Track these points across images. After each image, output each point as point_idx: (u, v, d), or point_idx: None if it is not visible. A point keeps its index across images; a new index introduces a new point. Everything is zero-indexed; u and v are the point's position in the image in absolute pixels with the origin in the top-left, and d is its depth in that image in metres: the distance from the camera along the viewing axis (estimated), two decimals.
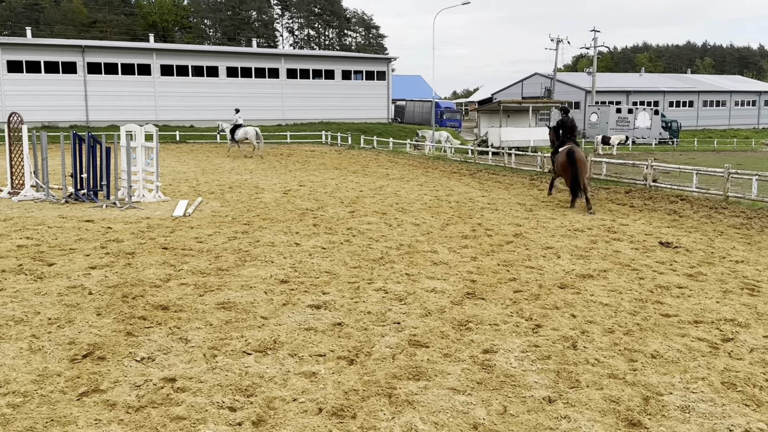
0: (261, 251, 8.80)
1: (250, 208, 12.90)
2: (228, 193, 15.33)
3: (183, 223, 11.15)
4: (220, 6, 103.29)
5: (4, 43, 42.46)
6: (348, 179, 18.85)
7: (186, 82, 46.47)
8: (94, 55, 43.75)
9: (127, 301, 6.40)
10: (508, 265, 8.05)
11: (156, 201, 13.74)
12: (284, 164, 24.47)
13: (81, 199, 13.47)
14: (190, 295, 6.65)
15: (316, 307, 6.27)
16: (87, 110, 43.35)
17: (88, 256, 8.42)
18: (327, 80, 51.93)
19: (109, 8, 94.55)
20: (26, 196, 13.58)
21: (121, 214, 11.99)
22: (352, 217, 11.94)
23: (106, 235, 9.95)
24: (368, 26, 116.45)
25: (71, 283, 7.07)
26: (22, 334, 5.42)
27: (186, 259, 8.33)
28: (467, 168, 23.35)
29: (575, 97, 65.13)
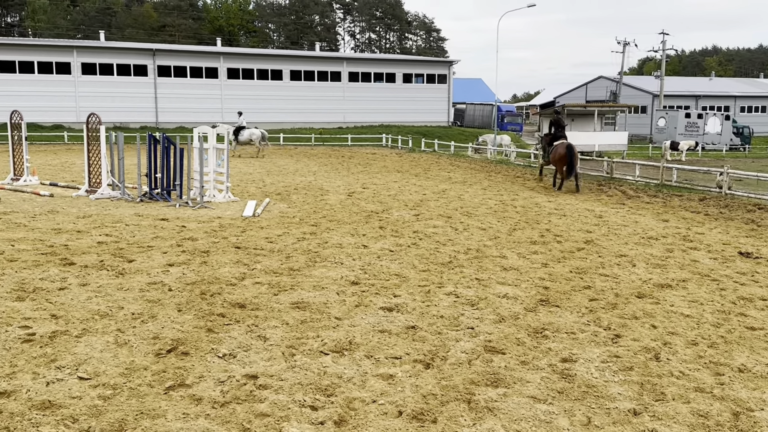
0: (330, 252, 8.90)
1: (316, 210, 13.07)
2: (294, 195, 15.57)
3: (253, 223, 11.39)
4: (284, 10, 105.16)
5: (79, 46, 44.37)
6: (410, 182, 18.86)
7: (251, 85, 47.50)
8: (164, 58, 45.23)
9: (206, 299, 6.58)
10: (582, 272, 7.88)
11: (226, 201, 14.08)
12: (346, 166, 24.68)
13: (155, 198, 13.93)
14: (265, 294, 6.78)
15: (388, 309, 6.29)
16: (156, 112, 44.84)
17: (166, 254, 8.69)
18: (388, 83, 52.16)
19: (178, 12, 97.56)
20: (103, 194, 14.13)
21: (194, 214, 12.33)
22: (418, 220, 11.94)
23: (181, 233, 10.25)
24: (429, 29, 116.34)
25: (151, 279, 7.31)
26: (108, 328, 5.63)
27: (258, 258, 8.49)
28: (531, 172, 22.99)
29: (641, 101, 63.35)
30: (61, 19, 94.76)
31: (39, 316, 5.89)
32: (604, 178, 20.88)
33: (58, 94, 42.16)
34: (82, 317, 5.90)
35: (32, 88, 41.55)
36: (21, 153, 16.37)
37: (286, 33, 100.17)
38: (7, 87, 41.03)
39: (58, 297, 6.54)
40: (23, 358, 4.91)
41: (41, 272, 7.50)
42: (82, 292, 6.72)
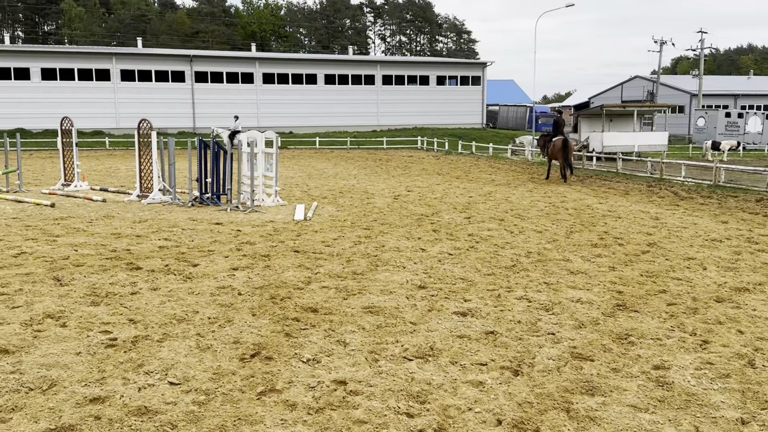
0: (390, 256, 8.85)
1: (365, 213, 13.04)
2: (340, 198, 15.58)
3: (306, 227, 11.41)
4: (315, 15, 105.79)
5: (118, 53, 45.15)
6: (454, 185, 18.75)
7: (286, 90, 47.80)
8: (201, 64, 45.79)
9: (277, 303, 6.57)
10: (653, 276, 7.70)
11: (275, 205, 14.15)
12: (386, 170, 24.65)
13: (206, 203, 14.06)
14: (335, 299, 6.75)
15: (461, 314, 6.21)
16: (194, 117, 45.41)
17: (227, 258, 8.74)
18: (421, 86, 52.04)
19: (211, 19, 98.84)
20: (154, 199, 14.31)
21: (246, 218, 12.41)
22: (470, 223, 11.83)
23: (237, 237, 10.31)
24: (460, 32, 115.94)
25: (219, 283, 7.34)
26: (188, 333, 5.66)
27: (319, 262, 8.48)
28: (575, 173, 22.66)
29: (679, 101, 62.15)
30: (96, 26, 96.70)
31: (117, 321, 5.95)
32: (655, 179, 20.43)
33: (97, 100, 42.93)
34: (160, 322, 5.94)
35: (73, 95, 42.37)
36: (71, 159, 16.67)
37: (317, 37, 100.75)
38: (49, 94, 41.93)
39: (132, 301, 6.60)
40: (110, 363, 4.95)
41: (110, 277, 7.59)
42: (154, 297, 6.77)
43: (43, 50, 46.24)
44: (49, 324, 5.85)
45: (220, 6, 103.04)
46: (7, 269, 7.89)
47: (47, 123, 41.36)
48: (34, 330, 5.68)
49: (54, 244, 9.49)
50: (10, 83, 41.66)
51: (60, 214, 12.38)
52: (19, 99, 41.37)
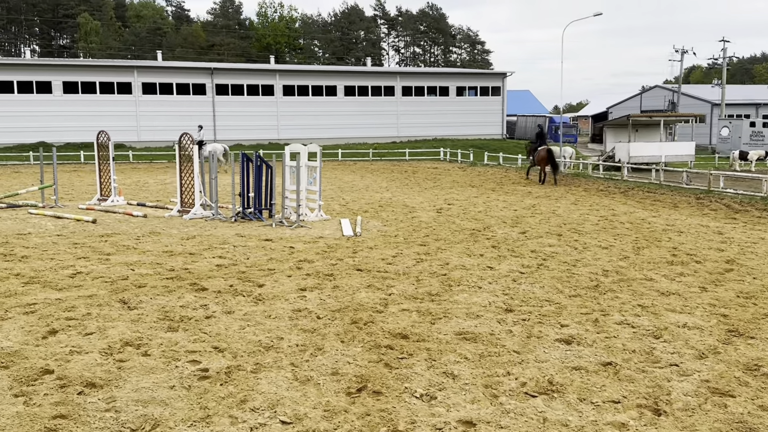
0: (459, 275, 8.47)
1: (414, 228, 12.67)
2: (382, 212, 15.22)
3: (358, 243, 11.05)
4: (330, 27, 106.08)
5: (140, 66, 45.22)
6: (492, 197, 18.34)
7: (306, 102, 47.68)
8: (222, 76, 45.76)
9: (361, 328, 6.20)
10: (750, 297, 7.27)
11: (319, 220, 13.81)
12: (416, 182, 24.29)
13: (248, 218, 13.74)
14: (421, 323, 6.37)
15: (565, 341, 5.81)
16: (215, 130, 45.30)
17: (290, 277, 8.39)
18: (441, 97, 51.78)
19: (227, 32, 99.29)
20: (196, 214, 14.01)
21: (294, 234, 12.07)
22: (527, 238, 11.42)
23: (293, 255, 9.96)
24: (473, 42, 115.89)
25: (293, 305, 6.98)
26: (280, 362, 5.30)
27: (388, 282, 8.11)
28: (615, 185, 22.23)
29: (700, 110, 61.46)
30: (113, 40, 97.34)
31: (202, 349, 5.60)
32: (703, 191, 19.82)
33: (119, 113, 42.93)
34: (247, 350, 5.58)
35: (94, 108, 42.42)
36: (108, 173, 16.43)
37: (332, 49, 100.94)
38: (71, 107, 42.01)
39: (210, 326, 6.25)
40: (210, 398, 4.59)
41: (177, 299, 7.25)
42: (231, 321, 6.42)
43: (65, 63, 46.43)
44: (131, 353, 5.50)
45: (235, 19, 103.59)
46: (68, 291, 7.58)
47: (69, 136, 41.44)
48: (117, 360, 5.34)
49: (108, 263, 9.18)
50: (32, 96, 41.79)
51: (104, 231, 12.09)
52: (41, 112, 41.47)
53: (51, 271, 8.61)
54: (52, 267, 8.88)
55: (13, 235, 11.52)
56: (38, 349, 5.57)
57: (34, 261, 9.28)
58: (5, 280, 8.04)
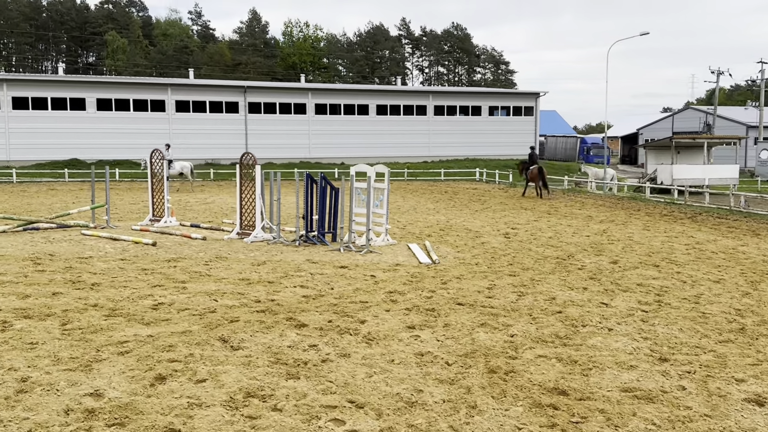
0: (577, 313, 7.68)
1: (493, 255, 11.91)
2: (446, 236, 14.47)
3: (441, 271, 10.30)
4: (354, 46, 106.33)
5: (173, 84, 45.13)
6: (553, 221, 17.53)
7: (338, 120, 47.28)
8: (255, 95, 45.53)
9: (506, 380, 5.45)
10: None
11: (386, 244, 13.11)
12: (462, 203, 23.53)
13: (312, 242, 13.07)
14: (571, 375, 5.60)
15: (756, 402, 5.00)
16: (246, 148, 44.96)
17: (389, 311, 7.66)
18: (474, 116, 51.18)
19: (252, 50, 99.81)
20: (257, 237, 13.37)
21: (366, 260, 11.35)
22: (623, 269, 10.61)
23: (378, 285, 9.24)
24: (498, 62, 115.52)
25: (411, 348, 6.24)
26: (437, 425, 4.55)
27: (502, 320, 7.35)
28: (678, 209, 21.31)
29: (735, 132, 60.25)
30: (139, 58, 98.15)
31: (338, 404, 4.86)
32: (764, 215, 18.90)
33: (152, 131, 42.73)
34: (389, 405, 4.84)
35: (128, 126, 42.30)
36: (161, 192, 15.89)
37: (356, 69, 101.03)
38: (104, 124, 41.92)
39: (332, 373, 5.53)
40: None
41: (280, 337, 6.55)
42: (353, 367, 5.69)
43: (99, 80, 46.54)
44: (258, 407, 4.78)
45: (261, 38, 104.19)
46: (157, 326, 6.90)
47: (102, 154, 41.31)
48: (246, 416, 4.62)
49: (186, 292, 8.52)
50: (66, 113, 41.77)
51: (169, 255, 11.46)
52: (74, 129, 41.43)
53: (130, 302, 7.95)
54: (129, 297, 8.22)
55: (74, 258, 10.92)
56: (151, 401, 4.87)
57: (107, 289, 8.64)
58: (84, 312, 7.38)
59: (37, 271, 9.74)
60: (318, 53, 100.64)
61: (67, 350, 6.01)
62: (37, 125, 40.77)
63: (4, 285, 8.72)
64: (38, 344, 6.18)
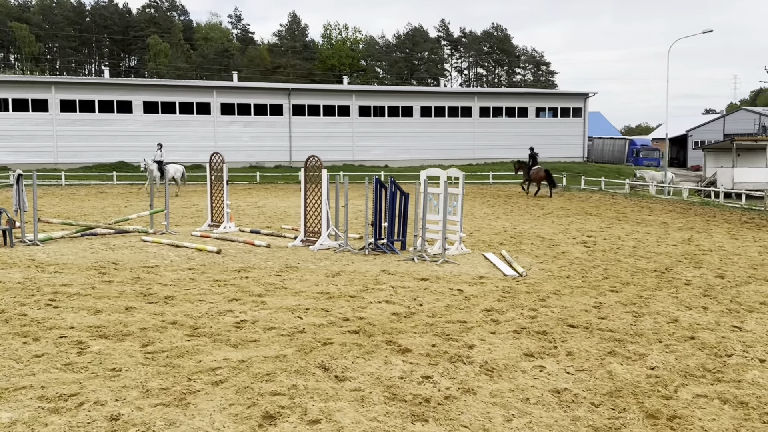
0: (712, 339, 6.76)
1: (582, 267, 10.99)
2: (520, 245, 13.58)
3: (532, 285, 9.44)
4: (393, 48, 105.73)
5: (218, 87, 45.04)
6: (627, 229, 16.48)
7: (381, 123, 46.62)
8: (299, 97, 45.15)
9: (673, 428, 4.58)
10: None
11: (459, 253, 12.29)
12: (521, 207, 22.55)
13: (381, 250, 12.33)
14: (746, 422, 4.71)
15: None
16: (290, 151, 44.66)
17: (495, 334, 6.85)
18: (520, 118, 50.00)
19: (291, 53, 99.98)
20: (323, 245, 12.68)
21: (445, 271, 10.55)
22: (736, 285, 9.60)
23: (469, 301, 8.43)
24: (538, 63, 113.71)
25: (542, 383, 5.42)
26: None
27: (630, 347, 6.47)
28: (759, 216, 20.00)
29: None
30: (181, 62, 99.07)
31: None
32: None
33: (197, 134, 42.67)
34: None
35: (173, 129, 42.25)
36: (220, 197, 15.34)
37: (395, 70, 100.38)
38: (150, 127, 41.91)
39: (463, 414, 4.74)
40: None
41: (386, 365, 5.79)
42: (484, 407, 4.90)
43: (145, 83, 46.70)
44: None
45: (300, 41, 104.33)
46: (245, 348, 6.21)
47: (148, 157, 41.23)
48: None
49: (266, 308, 7.83)
50: (113, 116, 41.95)
51: (236, 264, 10.83)
52: (121, 132, 41.54)
53: (210, 319, 7.29)
54: (208, 312, 7.57)
55: (140, 268, 10.36)
56: None
57: (182, 303, 8.00)
58: (164, 331, 6.74)
59: (104, 282, 9.18)
60: (356, 55, 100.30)
61: (155, 378, 5.35)
62: (85, 128, 41.00)
63: (73, 298, 8.16)
64: (121, 371, 5.54)
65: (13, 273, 9.71)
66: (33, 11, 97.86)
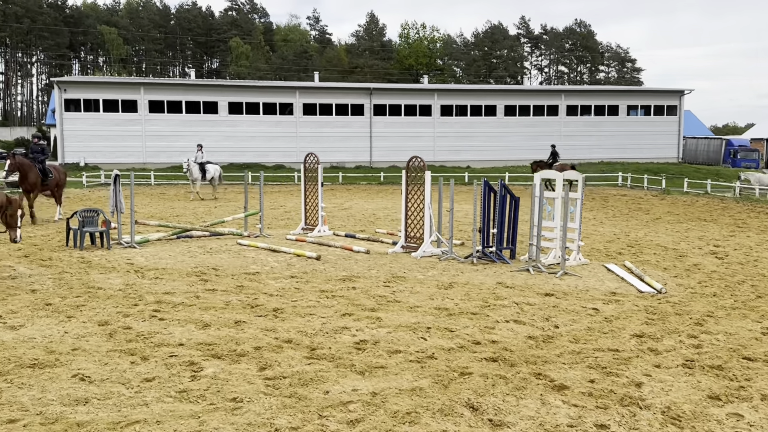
0: None
1: (727, 284, 9.68)
2: (641, 255, 12.29)
3: (677, 305, 8.26)
4: (471, 47, 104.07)
5: (301, 87, 45.06)
6: (754, 237, 14.82)
7: (463, 122, 45.42)
8: (380, 97, 44.59)
9: None
10: None
11: (577, 264, 11.18)
12: (621, 212, 21.00)
13: (489, 258, 11.37)
14: None
15: None
16: (371, 151, 44.16)
17: (660, 368, 5.80)
18: (610, 116, 47.67)
19: (369, 53, 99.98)
20: (425, 252, 11.83)
21: (569, 285, 9.49)
22: None
23: (611, 323, 7.38)
24: (623, 60, 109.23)
25: None
26: None
27: None
28: None
29: None
30: (261, 63, 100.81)
31: None
32: None
33: (280, 134, 42.76)
34: None
35: (257, 129, 42.50)
36: (314, 200, 14.76)
37: (473, 69, 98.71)
38: (234, 128, 42.32)
39: None
40: None
41: (542, 405, 4.87)
42: None
43: (230, 84, 47.31)
44: None
45: (378, 41, 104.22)
46: (374, 376, 5.42)
47: (233, 157, 41.72)
48: None
49: (384, 325, 7.05)
50: (199, 117, 42.54)
51: (339, 272, 10.13)
52: (207, 133, 41.99)
53: (326, 337, 6.57)
54: (322, 329, 6.85)
55: (241, 274, 9.81)
56: None
57: (293, 317, 7.33)
58: (280, 352, 6.05)
59: (207, 290, 8.65)
60: (434, 54, 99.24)
61: (283, 414, 4.62)
62: (172, 128, 41.75)
63: (177, 308, 7.63)
64: (243, 402, 4.85)
65: (113, 278, 9.34)
66: (121, 15, 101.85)
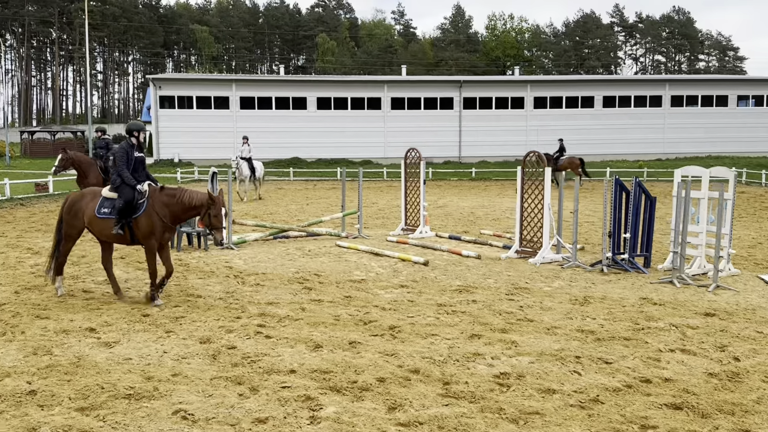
0: None
1: None
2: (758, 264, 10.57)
3: None
4: (561, 37, 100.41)
5: (389, 81, 44.26)
6: None
7: (558, 114, 43.29)
8: (470, 89, 43.17)
9: None
10: None
11: (728, 275, 9.64)
12: (747, 211, 18.84)
13: (621, 267, 10.00)
14: None
15: None
16: (460, 146, 42.86)
17: None
18: (718, 107, 44.27)
19: (455, 46, 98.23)
20: (545, 258, 10.59)
21: (727, 302, 8.03)
22: None
23: None
24: (724, 49, 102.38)
25: None
26: None
27: None
28: None
29: None
30: (347, 59, 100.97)
31: None
32: None
33: (368, 129, 42.18)
34: None
35: (345, 124, 42.05)
36: (415, 198, 13.78)
37: (564, 60, 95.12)
38: (323, 123, 42.03)
39: None
40: None
41: None
42: None
43: (318, 80, 47.16)
44: None
45: (464, 33, 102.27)
46: (536, 428, 4.33)
47: (321, 153, 41.54)
48: None
49: (521, 351, 5.95)
50: (288, 112, 42.52)
51: (453, 281, 9.08)
52: (296, 128, 42.00)
53: (457, 367, 5.53)
54: (451, 356, 5.82)
55: (345, 281, 8.94)
56: None
57: (413, 339, 6.34)
58: (409, 386, 5.06)
59: (312, 300, 7.81)
60: (522, 46, 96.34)
61: None
62: (262, 124, 41.88)
63: (284, 323, 6.80)
64: None
65: (212, 284, 8.67)
66: (212, 13, 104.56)
